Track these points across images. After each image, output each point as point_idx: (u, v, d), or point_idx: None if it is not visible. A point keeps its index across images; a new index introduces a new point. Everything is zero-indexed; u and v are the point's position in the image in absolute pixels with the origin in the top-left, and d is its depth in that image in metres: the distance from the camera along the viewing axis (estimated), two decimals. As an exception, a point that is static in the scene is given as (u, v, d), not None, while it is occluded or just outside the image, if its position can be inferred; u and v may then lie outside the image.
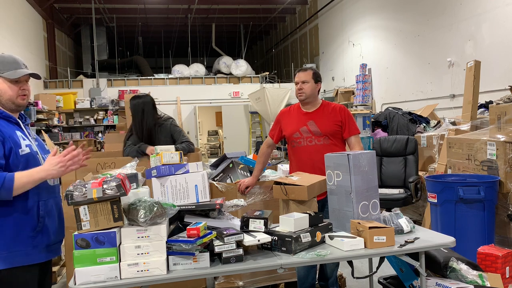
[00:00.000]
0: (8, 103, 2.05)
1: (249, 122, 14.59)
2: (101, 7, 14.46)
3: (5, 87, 2.04)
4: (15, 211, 1.96)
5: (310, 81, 3.20)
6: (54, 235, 2.11)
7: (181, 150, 3.12)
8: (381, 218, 2.50)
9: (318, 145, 3.15)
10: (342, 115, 3.20)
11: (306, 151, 3.19)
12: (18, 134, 2.04)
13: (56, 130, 11.57)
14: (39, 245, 2.01)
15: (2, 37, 9.37)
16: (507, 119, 3.81)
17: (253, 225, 2.25)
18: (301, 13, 15.98)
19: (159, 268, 1.94)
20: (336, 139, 3.18)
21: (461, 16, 7.15)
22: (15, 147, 1.98)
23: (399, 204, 5.04)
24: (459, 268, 2.51)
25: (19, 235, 1.96)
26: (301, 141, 3.21)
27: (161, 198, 2.42)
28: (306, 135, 3.18)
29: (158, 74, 15.73)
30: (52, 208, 2.12)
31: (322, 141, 3.15)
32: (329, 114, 3.20)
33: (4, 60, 2.05)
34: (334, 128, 3.17)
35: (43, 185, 2.03)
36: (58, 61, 14.59)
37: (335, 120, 3.18)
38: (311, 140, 3.18)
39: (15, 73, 2.05)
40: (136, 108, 3.65)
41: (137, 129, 3.65)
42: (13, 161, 1.96)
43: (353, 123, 3.24)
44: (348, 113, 3.25)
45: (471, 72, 4.96)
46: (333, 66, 13.18)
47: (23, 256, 1.96)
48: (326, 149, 3.03)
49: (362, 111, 7.54)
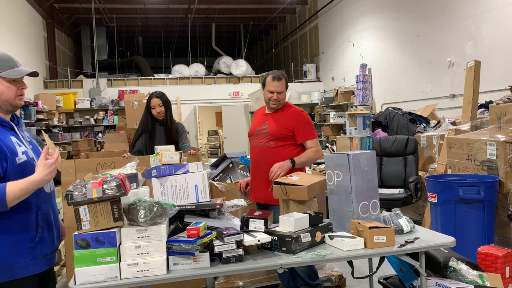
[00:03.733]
0: (5, 104, 1.93)
1: (249, 122, 14.58)
2: (101, 7, 14.45)
3: (2, 88, 1.91)
4: (14, 223, 1.87)
5: (284, 90, 3.21)
6: (52, 244, 2.05)
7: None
8: (381, 218, 2.50)
9: (263, 147, 3.19)
10: (296, 121, 3.17)
11: (254, 151, 3.28)
12: (14, 140, 1.91)
13: (56, 130, 11.57)
14: (38, 256, 1.94)
15: (3, 37, 9.37)
16: (507, 119, 3.81)
17: (253, 225, 2.25)
18: (301, 13, 15.98)
19: (159, 268, 1.94)
20: (285, 143, 3.16)
21: (461, 16, 7.15)
22: (11, 156, 1.85)
23: (399, 204, 5.04)
24: (459, 268, 2.51)
25: (18, 247, 1.88)
26: (253, 141, 3.29)
27: (161, 198, 2.42)
28: (258, 136, 3.25)
29: (158, 74, 15.73)
30: (50, 216, 2.05)
31: (267, 143, 3.17)
32: (283, 118, 3.21)
33: (0, 59, 1.92)
34: (282, 132, 3.15)
35: (40, 194, 1.95)
36: (58, 61, 14.59)
37: (286, 125, 3.17)
38: (259, 141, 3.23)
39: (14, 72, 1.92)
40: (169, 103, 3.97)
41: (168, 121, 3.92)
42: (10, 171, 1.84)
43: (309, 128, 3.19)
44: (305, 118, 3.22)
45: (471, 72, 4.96)
46: (333, 66, 13.18)
47: (22, 268, 1.89)
48: (270, 152, 3.14)
49: (362, 111, 7.52)
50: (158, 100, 3.89)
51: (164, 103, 3.91)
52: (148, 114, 3.94)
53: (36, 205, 1.94)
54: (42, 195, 1.99)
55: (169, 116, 3.94)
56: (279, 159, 3.05)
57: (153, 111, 3.91)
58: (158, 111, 3.89)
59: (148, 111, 3.94)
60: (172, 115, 4.01)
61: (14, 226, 1.87)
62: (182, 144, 3.94)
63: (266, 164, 3.09)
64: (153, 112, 3.91)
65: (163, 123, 3.94)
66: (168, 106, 3.95)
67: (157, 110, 3.89)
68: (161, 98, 3.91)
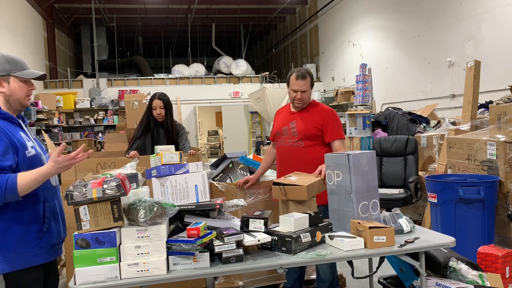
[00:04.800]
0: (16, 103, 2.05)
1: (249, 122, 14.59)
2: (101, 7, 14.45)
3: (16, 87, 2.03)
4: (23, 214, 1.98)
5: (309, 88, 3.10)
6: (58, 235, 2.16)
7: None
8: (381, 218, 2.50)
9: (292, 147, 3.10)
10: (325, 119, 3.07)
11: (282, 150, 3.18)
12: (23, 136, 2.05)
13: (56, 130, 11.56)
14: (45, 246, 2.05)
15: (2, 37, 9.37)
16: (507, 119, 3.81)
17: (253, 225, 2.25)
18: (301, 13, 15.98)
19: (159, 268, 1.94)
20: (314, 142, 3.06)
21: (461, 16, 7.15)
22: (22, 149, 1.99)
23: (399, 204, 5.04)
24: (459, 268, 2.51)
25: (26, 237, 1.99)
26: (280, 140, 3.19)
27: (161, 198, 2.42)
28: (285, 135, 3.15)
29: (158, 74, 15.72)
30: (56, 209, 2.16)
31: (297, 143, 3.08)
32: (312, 116, 3.10)
33: (14, 60, 2.04)
34: (311, 131, 3.05)
35: (47, 186, 2.05)
36: (58, 61, 14.58)
37: (315, 123, 3.06)
38: (287, 141, 3.14)
39: (27, 73, 2.04)
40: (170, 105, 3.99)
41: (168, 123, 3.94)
42: (21, 163, 1.97)
43: (338, 127, 3.10)
44: (334, 117, 3.12)
45: (471, 72, 4.96)
46: (333, 66, 13.18)
47: (30, 258, 1.99)
48: (299, 152, 3.05)
49: (362, 111, 7.53)
50: (160, 102, 3.92)
51: (165, 105, 3.94)
52: (150, 114, 3.97)
53: (44, 196, 2.06)
54: (49, 188, 2.10)
55: (170, 118, 3.97)
56: (308, 159, 2.97)
57: (154, 112, 3.94)
58: (159, 113, 3.92)
59: (150, 111, 3.97)
60: (173, 117, 4.03)
61: (25, 217, 1.98)
62: (182, 145, 3.96)
63: (295, 164, 3.00)
64: (153, 113, 3.95)
65: (163, 124, 3.97)
66: (169, 108, 3.98)
67: (157, 112, 3.92)
68: (163, 100, 3.94)
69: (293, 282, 3.20)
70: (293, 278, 3.19)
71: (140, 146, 3.93)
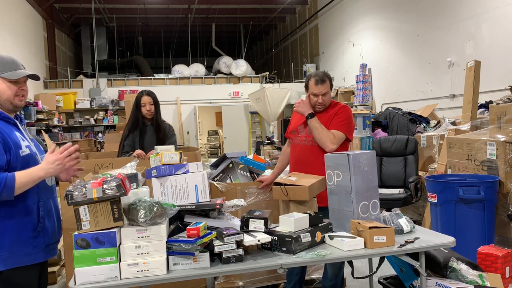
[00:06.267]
0: (6, 103, 2.07)
1: (249, 122, 14.60)
2: (101, 7, 14.45)
3: (4, 87, 2.06)
4: (17, 212, 1.98)
5: (329, 90, 3.07)
6: (53, 235, 2.15)
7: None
8: (381, 218, 2.50)
9: (307, 146, 3.08)
10: (335, 113, 3.05)
11: (295, 149, 3.17)
12: (17, 135, 2.06)
13: (56, 130, 11.57)
14: (39, 245, 2.04)
15: (2, 37, 9.37)
16: (507, 119, 3.81)
17: (253, 225, 2.25)
18: (301, 13, 15.98)
19: (159, 268, 1.94)
20: None
21: (461, 16, 7.15)
22: (15, 148, 2.00)
23: (399, 204, 5.04)
24: (459, 268, 2.51)
25: (20, 236, 1.99)
26: (295, 139, 3.18)
27: (161, 198, 2.42)
28: (301, 134, 3.14)
29: (158, 74, 15.73)
30: (51, 208, 2.15)
31: (312, 142, 3.05)
32: (329, 116, 3.07)
33: (4, 61, 2.07)
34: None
35: (42, 185, 2.05)
36: (58, 61, 14.58)
37: (329, 123, 3.04)
38: (302, 139, 3.13)
39: (15, 74, 2.07)
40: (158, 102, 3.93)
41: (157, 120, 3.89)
42: (14, 162, 1.98)
43: (342, 121, 3.04)
44: (344, 112, 3.08)
45: (471, 72, 4.96)
46: (333, 66, 13.18)
47: (24, 256, 1.99)
48: (314, 151, 3.02)
49: (362, 111, 7.54)
50: (149, 98, 3.84)
51: (154, 101, 3.87)
52: (138, 112, 3.87)
53: (38, 195, 2.06)
54: (44, 188, 2.09)
55: (159, 115, 3.90)
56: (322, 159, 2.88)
57: (143, 109, 3.84)
58: (148, 109, 3.83)
59: (138, 109, 3.87)
60: (161, 115, 3.96)
61: (17, 213, 1.98)
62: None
63: (308, 164, 2.98)
64: (142, 110, 3.85)
65: (152, 122, 3.90)
66: (157, 105, 3.91)
67: (147, 108, 3.83)
68: (152, 96, 3.87)
69: (294, 284, 3.20)
70: (294, 280, 3.18)
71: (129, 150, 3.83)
